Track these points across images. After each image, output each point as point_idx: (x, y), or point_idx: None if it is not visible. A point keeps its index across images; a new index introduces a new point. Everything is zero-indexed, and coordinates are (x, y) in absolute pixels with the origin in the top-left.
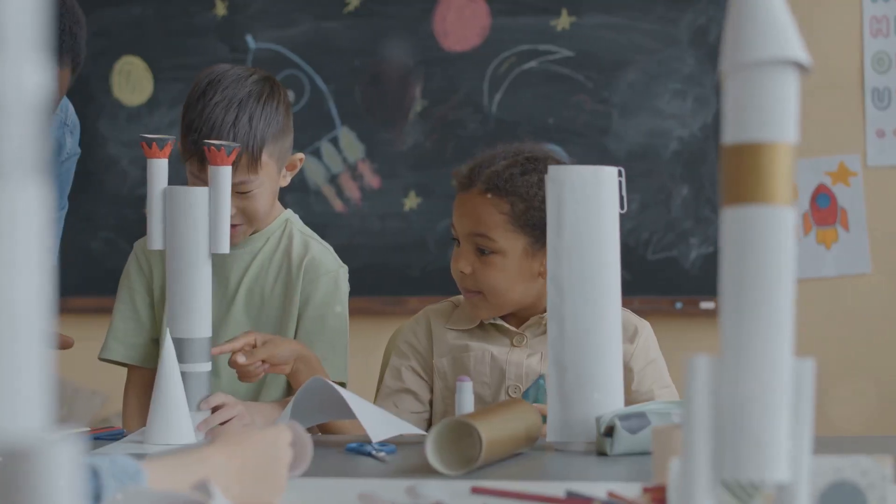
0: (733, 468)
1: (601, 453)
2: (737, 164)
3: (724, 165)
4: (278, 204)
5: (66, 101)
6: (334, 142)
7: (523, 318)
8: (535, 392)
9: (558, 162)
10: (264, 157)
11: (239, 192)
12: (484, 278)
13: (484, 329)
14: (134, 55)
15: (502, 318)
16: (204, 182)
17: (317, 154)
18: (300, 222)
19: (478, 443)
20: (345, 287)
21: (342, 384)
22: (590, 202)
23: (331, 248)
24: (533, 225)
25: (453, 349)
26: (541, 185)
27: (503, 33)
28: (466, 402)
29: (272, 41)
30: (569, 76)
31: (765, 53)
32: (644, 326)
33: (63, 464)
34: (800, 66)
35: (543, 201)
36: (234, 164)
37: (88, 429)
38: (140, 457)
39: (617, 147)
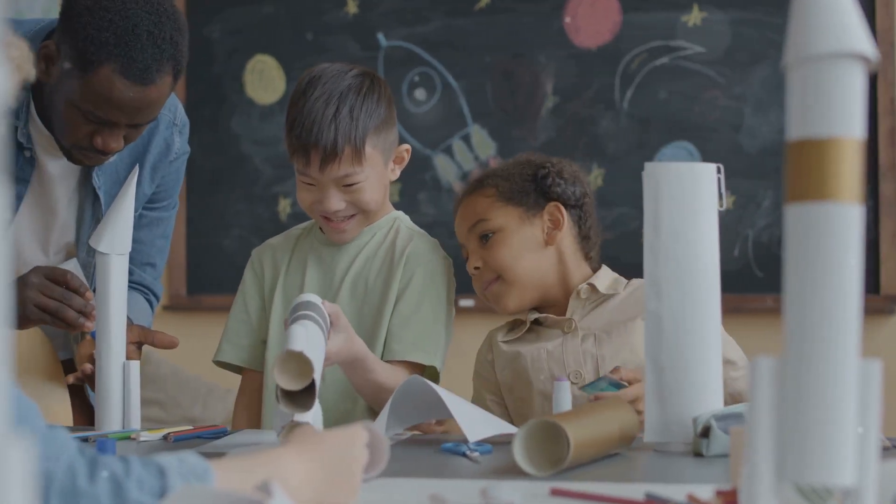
0: (797, 471)
1: (698, 454)
2: (801, 160)
3: (788, 162)
4: (388, 203)
5: (175, 101)
6: (466, 139)
7: (564, 305)
8: (592, 391)
9: (551, 166)
10: (368, 149)
11: (345, 184)
12: (492, 260)
13: (534, 331)
14: (266, 54)
15: (543, 312)
16: (309, 178)
17: (448, 152)
18: (408, 220)
19: (565, 444)
20: (447, 278)
21: (433, 367)
22: (687, 200)
23: (437, 242)
24: (520, 194)
25: (509, 359)
26: (517, 166)
27: (634, 29)
28: (563, 401)
29: (403, 39)
30: (700, 72)
31: (828, 46)
32: None
33: (14, 466)
34: (865, 59)
35: (524, 177)
36: (338, 157)
37: (191, 427)
38: (211, 456)
39: (750, 143)
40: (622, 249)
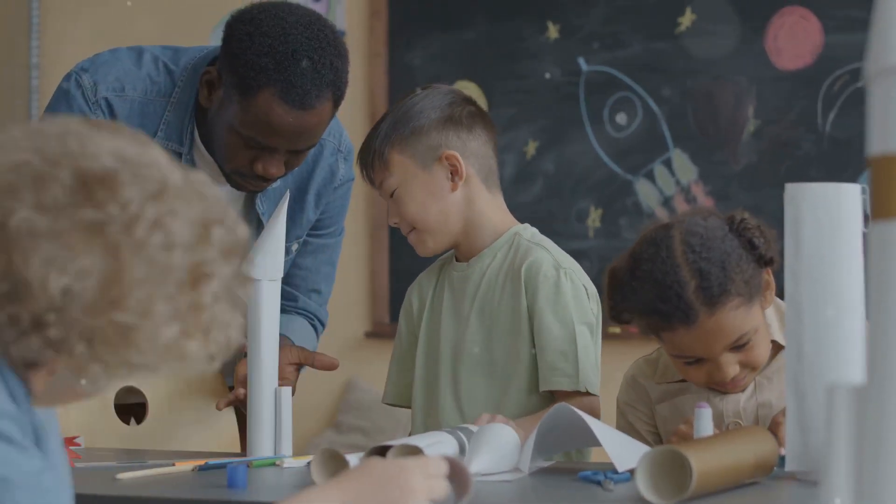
0: (876, 500)
1: None
2: (884, 176)
3: (871, 178)
4: (508, 217)
5: (339, 127)
6: (667, 164)
7: None
8: None
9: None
10: (395, 156)
11: (389, 196)
12: (754, 360)
13: None
14: (468, 80)
15: None
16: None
17: (650, 176)
18: (532, 232)
19: (689, 472)
20: (570, 289)
21: (589, 393)
22: (830, 221)
23: (553, 252)
24: (756, 283)
25: (669, 391)
26: (727, 254)
27: (836, 50)
28: (705, 429)
29: (604, 63)
30: None
31: None
32: None
33: None
34: None
35: (748, 260)
36: (367, 166)
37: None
38: None
39: None
40: None
